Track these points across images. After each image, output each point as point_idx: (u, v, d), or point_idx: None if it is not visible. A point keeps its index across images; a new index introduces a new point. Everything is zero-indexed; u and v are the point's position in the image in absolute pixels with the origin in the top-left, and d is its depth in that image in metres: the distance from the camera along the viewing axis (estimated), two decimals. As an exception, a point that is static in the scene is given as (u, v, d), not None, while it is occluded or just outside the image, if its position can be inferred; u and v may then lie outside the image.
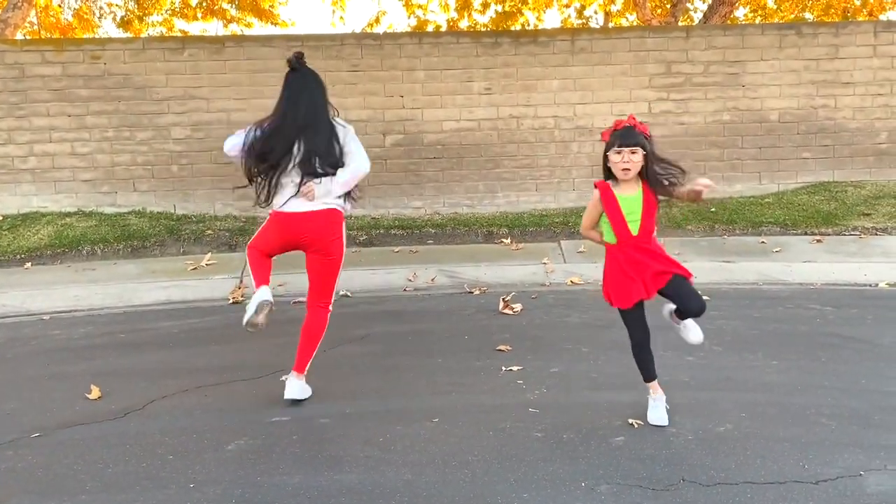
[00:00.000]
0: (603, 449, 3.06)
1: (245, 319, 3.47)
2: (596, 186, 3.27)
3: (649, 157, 3.16)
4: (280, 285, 6.27)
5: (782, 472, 2.80)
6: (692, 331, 3.40)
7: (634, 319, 3.29)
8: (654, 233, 3.28)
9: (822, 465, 2.86)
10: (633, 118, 3.20)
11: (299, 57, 3.67)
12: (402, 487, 2.79)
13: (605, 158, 3.22)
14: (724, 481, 2.75)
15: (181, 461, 3.06)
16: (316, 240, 3.60)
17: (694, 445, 3.07)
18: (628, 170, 3.15)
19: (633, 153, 3.12)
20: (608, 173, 3.26)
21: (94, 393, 3.86)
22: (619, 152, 3.14)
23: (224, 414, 3.58)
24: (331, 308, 3.80)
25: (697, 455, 2.98)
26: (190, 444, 3.22)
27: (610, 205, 3.21)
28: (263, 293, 3.50)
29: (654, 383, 3.35)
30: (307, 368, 3.70)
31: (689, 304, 3.23)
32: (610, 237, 3.27)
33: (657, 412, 3.31)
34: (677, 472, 2.82)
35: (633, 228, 3.19)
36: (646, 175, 3.18)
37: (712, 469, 2.85)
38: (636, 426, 3.27)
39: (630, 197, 3.20)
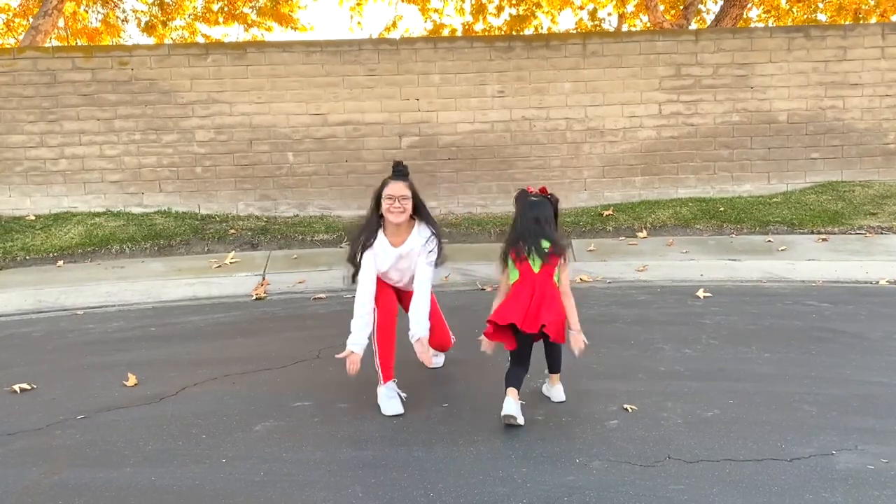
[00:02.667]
0: (598, 430, 3.32)
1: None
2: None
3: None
4: (300, 282, 6.57)
5: (761, 451, 3.05)
6: (557, 393, 3.72)
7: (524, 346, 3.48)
8: (557, 281, 3.59)
9: (799, 446, 3.10)
10: (545, 189, 3.69)
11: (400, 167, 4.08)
12: (413, 462, 3.06)
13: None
14: (707, 458, 3.00)
15: (213, 440, 3.36)
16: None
17: (682, 428, 3.31)
18: None
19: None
20: None
21: (131, 380, 4.16)
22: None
23: (251, 399, 3.86)
24: None
25: (684, 436, 3.22)
26: (221, 425, 3.51)
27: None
28: (510, 405, 3.39)
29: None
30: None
31: (552, 361, 3.65)
32: (514, 274, 3.55)
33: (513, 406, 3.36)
34: (664, 451, 3.08)
35: (535, 266, 3.52)
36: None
37: (697, 448, 3.10)
38: (630, 411, 3.52)
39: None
